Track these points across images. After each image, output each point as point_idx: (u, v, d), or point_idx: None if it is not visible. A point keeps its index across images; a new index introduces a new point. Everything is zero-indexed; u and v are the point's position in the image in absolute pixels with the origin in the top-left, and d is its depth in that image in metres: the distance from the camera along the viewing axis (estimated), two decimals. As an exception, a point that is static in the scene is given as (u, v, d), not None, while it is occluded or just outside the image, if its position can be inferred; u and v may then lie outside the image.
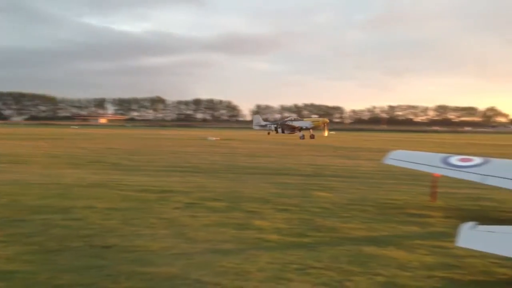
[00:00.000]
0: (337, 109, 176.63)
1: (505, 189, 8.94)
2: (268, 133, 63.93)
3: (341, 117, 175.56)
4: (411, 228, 8.32)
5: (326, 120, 62.42)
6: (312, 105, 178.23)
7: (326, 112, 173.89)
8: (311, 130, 56.68)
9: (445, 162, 9.92)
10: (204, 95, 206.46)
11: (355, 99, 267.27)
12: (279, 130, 61.35)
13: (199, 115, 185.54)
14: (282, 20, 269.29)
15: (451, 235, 5.32)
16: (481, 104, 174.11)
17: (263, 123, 70.27)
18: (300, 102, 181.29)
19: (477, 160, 9.72)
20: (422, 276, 5.69)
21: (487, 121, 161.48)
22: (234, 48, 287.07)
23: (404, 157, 11.15)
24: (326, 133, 59.50)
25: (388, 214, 9.53)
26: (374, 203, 10.86)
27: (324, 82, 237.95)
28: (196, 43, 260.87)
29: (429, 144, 45.63)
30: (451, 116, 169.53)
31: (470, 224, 5.35)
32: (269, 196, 11.42)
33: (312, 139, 52.17)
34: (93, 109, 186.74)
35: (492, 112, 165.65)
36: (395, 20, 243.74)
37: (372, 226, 8.43)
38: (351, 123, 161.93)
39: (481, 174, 9.10)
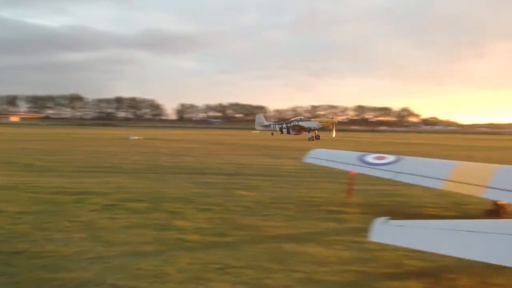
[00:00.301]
0: (261, 108, 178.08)
1: (416, 185, 9.53)
2: (272, 134, 61.66)
3: (265, 117, 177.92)
4: (329, 225, 8.57)
5: (335, 120, 60.48)
6: (237, 104, 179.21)
7: (250, 111, 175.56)
8: (316, 131, 55.60)
9: (361, 160, 10.33)
10: (126, 93, 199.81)
11: (279, 98, 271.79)
12: (285, 130, 59.68)
13: (121, 114, 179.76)
14: (209, 18, 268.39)
15: (366, 230, 5.52)
16: (396, 105, 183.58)
17: (267, 123, 67.40)
18: (226, 101, 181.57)
19: (390, 158, 10.21)
20: (338, 270, 5.87)
21: (401, 121, 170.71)
22: (159, 45, 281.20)
23: (324, 155, 11.47)
24: (334, 134, 56.40)
25: (308, 212, 9.77)
26: (295, 201, 11.09)
27: (250, 81, 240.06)
28: (119, 39, 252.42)
29: (349, 142, 47.49)
30: (369, 116, 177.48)
31: (382, 219, 5.58)
32: (191, 196, 11.29)
33: (317, 140, 51.65)
34: (4, 106, 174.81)
35: (406, 112, 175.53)
36: (317, 22, 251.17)
37: (293, 223, 8.59)
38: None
39: (393, 172, 9.57)
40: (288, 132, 59.14)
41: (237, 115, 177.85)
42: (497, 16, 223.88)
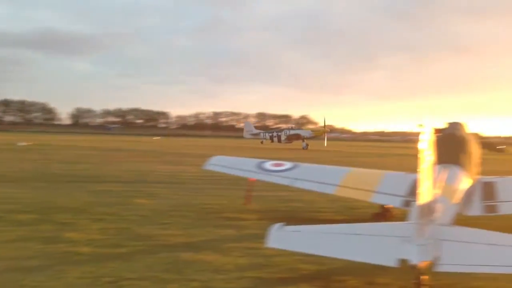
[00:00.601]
0: (163, 114, 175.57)
1: (311, 191, 9.93)
2: (262, 142, 61.00)
3: (166, 122, 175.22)
4: (227, 232, 8.60)
5: (327, 129, 60.03)
6: (137, 110, 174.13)
7: (151, 117, 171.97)
8: (304, 140, 55.94)
9: (260, 167, 10.52)
10: (14, 96, 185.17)
11: (181, 104, 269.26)
12: (275, 139, 59.48)
13: (9, 118, 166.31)
14: (106, 19, 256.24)
15: (263, 236, 5.62)
16: (295, 112, 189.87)
17: (256, 131, 66.56)
18: (126, 106, 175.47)
19: (287, 165, 10.53)
20: (234, 277, 5.89)
21: (300, 128, 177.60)
22: (52, 45, 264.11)
23: (223, 162, 11.52)
24: (325, 143, 57.05)
25: (207, 219, 9.73)
26: (195, 208, 11.01)
27: (152, 86, 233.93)
28: (5, 38, 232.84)
29: (249, 150, 48.21)
30: (269, 123, 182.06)
31: (278, 225, 5.73)
32: (84, 206, 10.73)
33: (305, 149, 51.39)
34: None
35: (305, 120, 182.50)
36: (220, 30, 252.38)
37: (191, 231, 8.50)
38: (176, 128, 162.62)
39: (290, 178, 9.88)
40: (279, 141, 59.57)
41: (138, 121, 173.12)
42: (387, 31, 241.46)
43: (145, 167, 22.69)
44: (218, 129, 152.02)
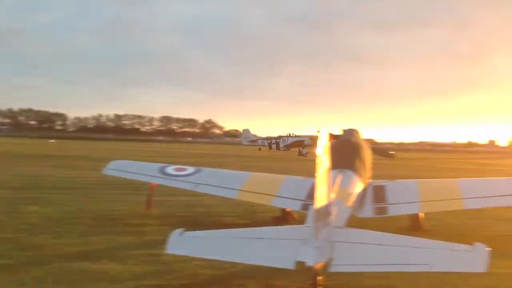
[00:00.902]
0: (60, 115, 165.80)
1: (214, 195, 9.93)
2: (259, 149, 61.36)
3: (63, 124, 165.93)
4: (126, 239, 8.32)
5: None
6: (30, 110, 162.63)
7: (47, 118, 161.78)
8: (305, 148, 56.14)
9: (162, 171, 10.32)
10: None
11: (81, 106, 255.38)
12: (274, 146, 59.98)
13: None
14: (1, 14, 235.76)
15: (164, 243, 5.49)
16: (201, 117, 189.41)
17: (254, 138, 65.95)
18: (18, 106, 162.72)
19: (190, 169, 10.43)
20: (130, 286, 5.69)
21: (205, 132, 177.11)
22: None
23: (124, 167, 11.14)
24: None
25: (106, 226, 9.34)
26: (93, 215, 10.54)
27: (50, 86, 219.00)
28: None
29: (151, 153, 47.22)
30: (174, 126, 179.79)
31: (179, 231, 5.63)
32: (-34, 214, 9.79)
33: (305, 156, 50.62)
34: None
35: (210, 124, 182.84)
36: (126, 30, 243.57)
37: (88, 239, 8.10)
38: (74, 131, 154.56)
39: (193, 183, 9.81)
40: (277, 148, 60.21)
41: (31, 122, 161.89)
42: (293, 39, 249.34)
43: (38, 171, 21.30)
44: (121, 133, 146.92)
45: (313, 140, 61.87)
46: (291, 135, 62.35)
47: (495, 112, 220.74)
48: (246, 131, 71.60)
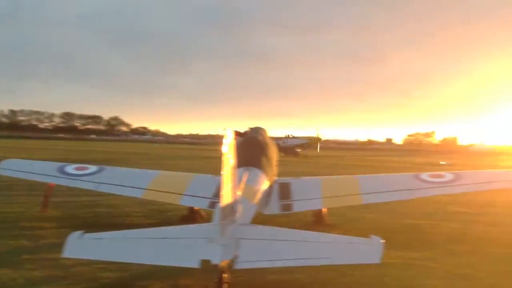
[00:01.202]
0: None
1: (119, 195, 9.59)
2: None
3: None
4: (21, 243, 7.79)
5: (321, 138, 58.12)
6: None
7: None
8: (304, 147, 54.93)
9: (61, 171, 9.77)
10: None
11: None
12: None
13: None
14: None
15: (62, 246, 5.18)
16: (106, 114, 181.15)
17: None
18: None
19: (92, 168, 9.97)
20: (25, 294, 5.33)
21: (111, 130, 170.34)
22: None
23: (18, 166, 10.40)
24: (318, 150, 57.17)
25: (-2, 230, 8.64)
26: (-18, 218, 9.69)
27: None
28: None
29: (53, 151, 44.65)
30: (77, 123, 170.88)
31: (77, 233, 5.35)
32: None
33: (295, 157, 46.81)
34: None
35: (116, 121, 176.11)
36: (21, 20, 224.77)
37: (-25, 245, 7.44)
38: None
39: (95, 182, 9.39)
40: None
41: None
42: (201, 38, 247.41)
43: None
44: (17, 129, 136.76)
45: (310, 141, 59.05)
46: (288, 136, 58.84)
47: (393, 113, 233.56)
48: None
